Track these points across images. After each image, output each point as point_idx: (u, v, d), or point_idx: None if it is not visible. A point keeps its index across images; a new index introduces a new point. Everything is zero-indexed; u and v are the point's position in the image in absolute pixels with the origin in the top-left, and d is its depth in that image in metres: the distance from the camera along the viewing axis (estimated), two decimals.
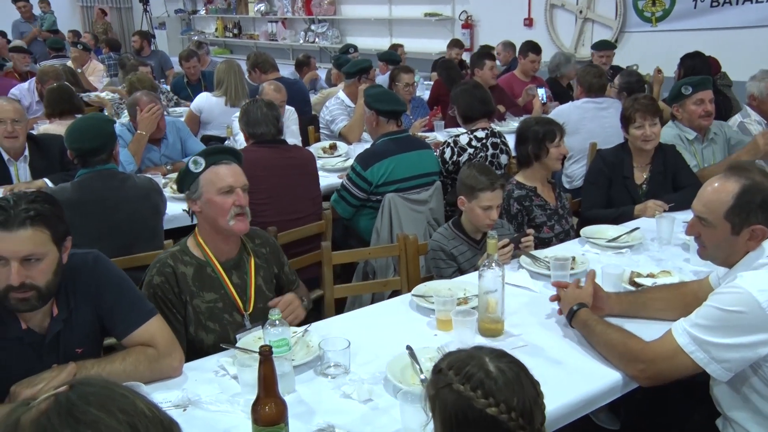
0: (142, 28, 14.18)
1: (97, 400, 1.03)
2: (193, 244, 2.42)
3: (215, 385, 2.05)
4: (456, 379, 1.32)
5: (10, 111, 3.86)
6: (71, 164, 4.03)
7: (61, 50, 8.74)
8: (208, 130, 5.60)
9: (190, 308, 2.34)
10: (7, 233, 1.80)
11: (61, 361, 1.97)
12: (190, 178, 2.38)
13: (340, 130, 5.20)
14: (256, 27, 13.30)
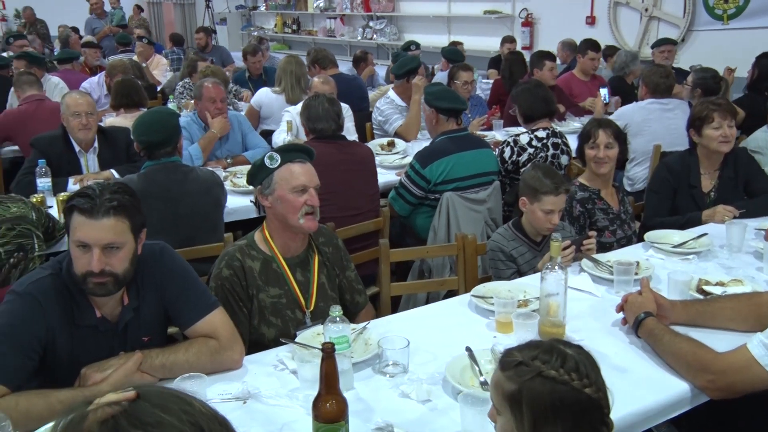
0: (204, 24, 14.50)
1: (160, 402, 1.07)
2: (260, 239, 2.44)
3: (274, 379, 2.06)
4: (546, 366, 1.33)
5: (84, 104, 3.98)
6: (137, 156, 4.15)
7: (128, 45, 8.98)
8: (268, 124, 5.67)
9: (255, 302, 2.37)
10: (91, 221, 1.88)
11: (129, 349, 2.02)
12: (264, 173, 2.40)
13: (396, 130, 5.18)
14: (314, 23, 13.40)
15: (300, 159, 2.42)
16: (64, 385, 1.92)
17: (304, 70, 5.77)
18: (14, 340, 1.86)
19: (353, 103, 5.32)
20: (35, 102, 4.97)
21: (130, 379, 1.92)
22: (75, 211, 1.90)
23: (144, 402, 1.07)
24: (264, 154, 4.33)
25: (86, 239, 1.88)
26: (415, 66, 5.35)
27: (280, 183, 2.36)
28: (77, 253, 1.90)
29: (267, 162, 2.38)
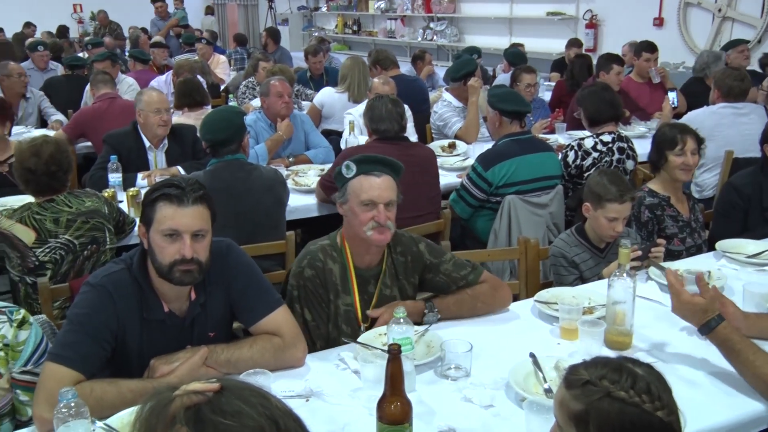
0: (266, 25, 14.73)
1: (240, 395, 1.11)
2: (339, 242, 2.41)
3: (336, 378, 2.07)
4: (615, 387, 1.28)
5: (164, 102, 4.12)
6: (202, 153, 4.25)
7: (193, 45, 9.20)
8: (329, 124, 5.72)
9: (332, 306, 2.35)
10: (182, 209, 1.94)
11: (195, 343, 2.06)
12: (341, 181, 2.37)
13: (456, 133, 5.14)
14: (375, 24, 13.46)
15: (377, 172, 2.32)
16: (133, 375, 1.97)
17: (367, 71, 5.79)
18: (89, 329, 1.92)
19: (414, 105, 5.31)
20: (108, 100, 5.14)
21: (196, 372, 1.97)
22: (162, 200, 1.94)
23: (226, 393, 1.11)
24: (324, 153, 4.54)
25: (178, 227, 1.93)
26: (471, 69, 5.31)
27: (351, 194, 2.32)
28: (164, 243, 1.94)
29: (343, 170, 2.33)
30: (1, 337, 2.00)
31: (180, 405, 1.11)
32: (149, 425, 1.12)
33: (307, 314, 2.32)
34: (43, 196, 2.85)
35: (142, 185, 3.91)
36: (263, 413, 1.10)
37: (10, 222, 2.75)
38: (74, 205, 2.85)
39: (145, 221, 1.98)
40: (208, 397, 1.12)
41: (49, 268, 2.80)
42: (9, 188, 3.78)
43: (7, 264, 2.83)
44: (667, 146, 3.13)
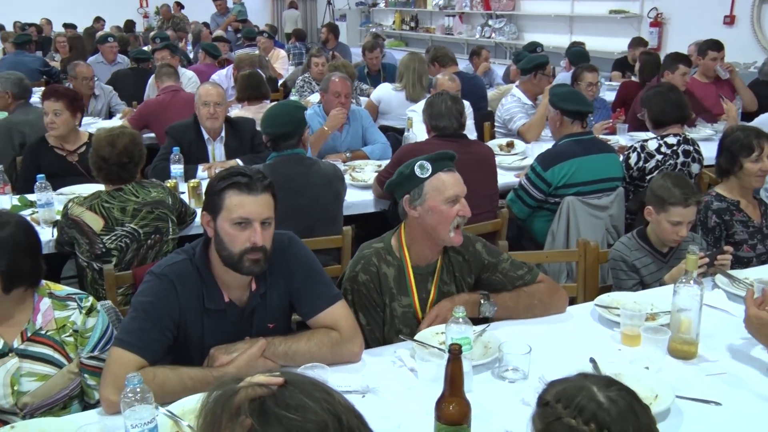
0: (324, 20, 14.85)
1: (304, 389, 1.12)
2: (396, 245, 2.39)
3: (392, 375, 2.07)
4: (566, 412, 1.21)
5: (214, 94, 4.17)
6: (260, 147, 4.31)
7: (253, 39, 9.33)
8: (386, 120, 5.72)
9: (388, 310, 2.34)
10: (252, 197, 1.97)
11: (254, 334, 2.09)
12: (414, 183, 2.30)
13: (519, 129, 5.09)
14: (432, 20, 13.41)
15: (449, 167, 2.33)
16: (194, 363, 2.01)
17: (425, 68, 5.77)
18: (153, 317, 1.97)
19: (472, 102, 5.27)
20: (171, 92, 5.27)
21: (254, 363, 2.00)
22: (232, 189, 1.96)
23: (290, 387, 1.13)
24: (381, 149, 4.54)
25: (249, 215, 1.96)
26: (543, 62, 5.23)
27: (431, 193, 2.27)
28: (235, 231, 1.96)
29: (418, 171, 2.28)
30: (71, 324, 2.07)
31: (245, 396, 1.13)
32: (214, 414, 1.14)
33: (362, 318, 2.32)
34: (112, 184, 2.94)
35: (202, 177, 3.99)
36: (326, 408, 1.11)
37: (81, 209, 2.84)
38: (141, 195, 2.93)
39: (212, 210, 2.00)
40: (273, 390, 1.13)
41: (115, 255, 2.88)
42: (78, 177, 3.91)
43: (77, 249, 2.92)
44: (743, 152, 3.00)
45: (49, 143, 4.00)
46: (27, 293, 2.05)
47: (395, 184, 2.38)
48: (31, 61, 7.86)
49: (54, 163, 3.92)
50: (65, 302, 2.10)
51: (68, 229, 2.89)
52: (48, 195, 3.31)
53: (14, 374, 1.99)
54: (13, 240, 1.98)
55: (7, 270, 1.95)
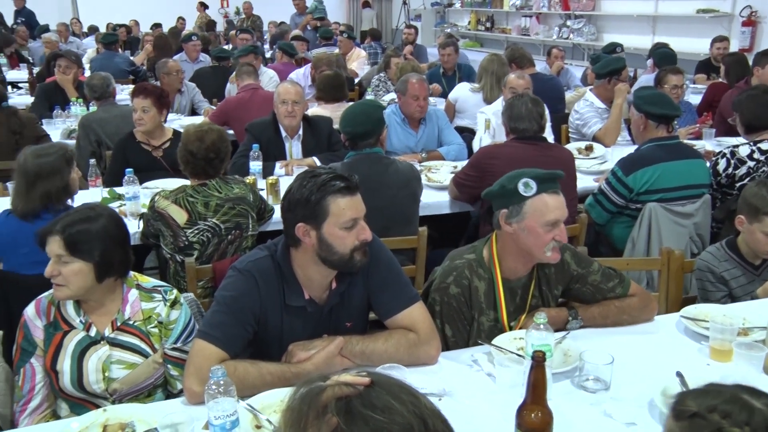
0: (399, 21, 14.90)
1: (391, 391, 1.12)
2: (487, 256, 2.33)
3: (469, 378, 2.05)
4: (727, 422, 1.13)
5: (292, 93, 4.23)
6: (337, 145, 4.35)
7: (329, 39, 9.43)
8: (461, 119, 5.69)
9: (475, 324, 2.30)
10: (354, 197, 2.02)
11: (331, 332, 2.10)
12: (515, 199, 2.22)
13: (596, 134, 4.96)
14: (508, 21, 13.25)
15: (554, 189, 2.23)
16: (273, 358, 2.04)
17: (505, 70, 5.69)
18: (235, 311, 2.01)
19: (549, 104, 5.15)
20: (251, 90, 5.38)
21: (331, 361, 2.01)
22: (335, 194, 1.97)
23: (377, 388, 1.12)
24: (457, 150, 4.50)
25: (356, 215, 2.01)
26: (619, 66, 5.08)
27: (532, 214, 2.19)
28: (345, 233, 1.99)
29: (521, 189, 2.19)
30: (156, 315, 2.14)
31: (331, 395, 1.13)
32: (301, 411, 1.15)
33: (448, 330, 2.28)
34: (197, 179, 3.02)
35: (279, 174, 4.06)
36: (413, 411, 1.10)
37: (167, 202, 2.93)
38: (224, 191, 3.00)
39: (314, 220, 1.98)
40: (359, 390, 1.13)
41: (197, 248, 2.96)
42: (162, 172, 4.05)
43: (161, 241, 3.02)
44: None
45: (137, 138, 4.15)
46: (117, 283, 2.14)
47: (495, 194, 2.30)
48: (119, 61, 8.19)
49: (140, 158, 4.07)
50: (151, 294, 2.17)
51: (154, 222, 2.99)
52: (135, 188, 3.44)
53: (105, 361, 2.07)
54: (106, 231, 2.07)
55: (100, 260, 2.03)
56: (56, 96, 6.05)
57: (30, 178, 2.69)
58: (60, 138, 5.17)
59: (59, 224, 2.04)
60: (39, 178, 2.70)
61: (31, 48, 10.18)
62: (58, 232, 2.02)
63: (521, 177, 2.22)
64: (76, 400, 2.12)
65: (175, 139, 4.16)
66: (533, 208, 2.20)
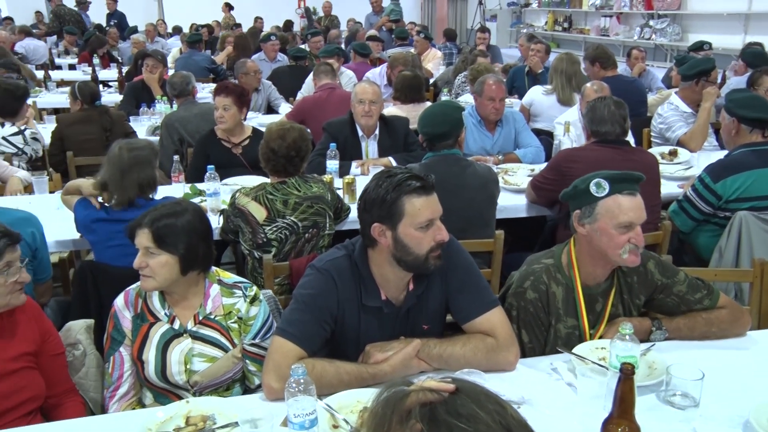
0: (475, 21, 14.78)
1: (476, 399, 1.10)
2: (566, 261, 2.28)
3: (548, 387, 2.00)
4: None
5: (369, 93, 4.24)
6: (413, 145, 4.34)
7: (405, 39, 9.44)
8: (537, 123, 5.58)
9: (552, 331, 2.25)
10: (431, 197, 2.01)
11: (408, 334, 2.09)
12: (587, 199, 2.17)
13: (680, 138, 4.77)
14: (587, 21, 12.93)
15: (630, 190, 2.17)
16: (349, 358, 2.04)
17: (576, 69, 5.56)
18: (314, 309, 2.02)
19: (631, 107, 4.97)
20: (328, 90, 5.43)
21: (408, 363, 2.00)
22: (411, 194, 1.97)
23: (462, 395, 1.10)
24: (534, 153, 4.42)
25: (433, 215, 2.00)
26: (708, 67, 4.87)
27: (604, 215, 2.14)
28: (421, 234, 1.98)
29: (593, 189, 2.15)
30: (237, 311, 2.18)
31: (415, 400, 1.12)
32: (384, 416, 1.14)
33: (524, 336, 2.24)
34: (277, 177, 3.06)
35: (355, 173, 4.08)
36: (498, 421, 1.08)
37: (247, 199, 2.99)
38: (302, 190, 3.04)
39: (390, 220, 1.98)
40: (444, 397, 1.12)
41: (275, 246, 3.00)
42: (241, 168, 4.13)
43: (240, 237, 3.08)
44: None
45: (217, 136, 4.25)
46: (200, 277, 2.19)
47: (569, 195, 2.26)
48: (200, 60, 8.44)
49: (220, 155, 4.16)
50: (232, 290, 2.22)
51: (234, 218, 3.05)
52: (216, 185, 3.52)
53: (187, 354, 2.13)
54: (191, 226, 2.12)
55: (185, 253, 2.09)
56: (143, 94, 6.30)
57: (125, 168, 2.78)
58: (145, 134, 5.37)
59: (148, 218, 2.10)
60: (133, 169, 2.79)
61: (121, 48, 10.61)
62: (147, 225, 2.09)
63: (594, 177, 2.17)
64: (160, 390, 2.18)
65: (254, 136, 4.25)
66: (605, 209, 2.15)
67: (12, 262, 1.97)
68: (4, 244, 1.95)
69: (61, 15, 12.18)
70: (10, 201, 3.33)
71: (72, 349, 2.28)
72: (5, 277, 1.94)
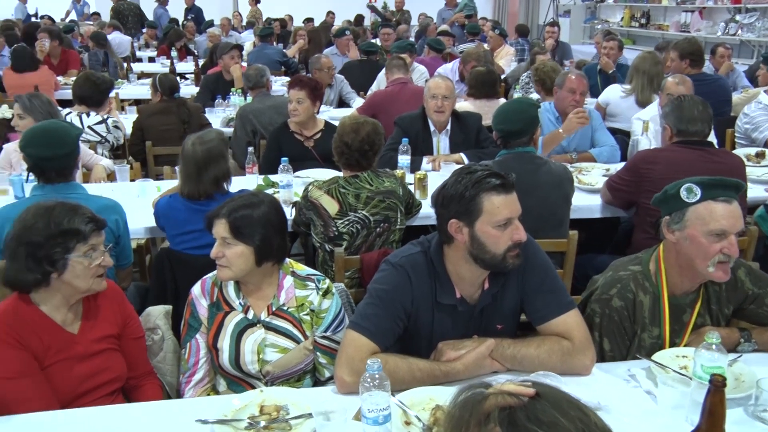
0: (547, 16, 14.50)
1: (558, 405, 1.08)
2: (653, 268, 2.20)
3: (625, 394, 1.94)
4: None
5: (442, 88, 4.21)
6: (486, 142, 4.29)
7: (477, 34, 9.34)
8: (613, 122, 5.42)
9: (636, 340, 2.18)
10: (510, 195, 1.98)
11: (481, 333, 2.07)
12: (677, 205, 2.09)
13: None
14: (666, 16, 12.48)
15: (726, 198, 2.05)
16: (420, 355, 2.03)
17: (659, 70, 5.35)
18: (388, 305, 2.01)
19: (714, 107, 4.77)
20: (400, 84, 5.42)
21: (481, 363, 1.97)
22: (490, 192, 1.94)
23: (542, 401, 1.08)
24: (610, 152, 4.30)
25: (512, 214, 1.97)
26: None
27: (694, 222, 2.05)
28: (498, 232, 1.95)
29: (684, 194, 2.06)
30: (309, 303, 2.20)
31: (494, 404, 1.10)
32: (461, 418, 1.13)
33: (606, 344, 2.18)
34: (350, 170, 3.08)
35: (426, 169, 4.06)
36: (581, 429, 1.05)
37: (320, 192, 3.01)
38: (375, 184, 3.04)
39: (467, 217, 1.96)
40: (524, 402, 1.09)
41: (346, 239, 3.02)
42: (312, 161, 4.18)
43: (312, 230, 3.11)
44: None
45: (290, 128, 4.30)
46: (274, 269, 2.22)
47: (659, 200, 2.18)
48: (272, 53, 8.57)
49: (293, 147, 4.21)
50: (305, 282, 2.23)
51: (306, 211, 3.08)
52: (289, 177, 3.56)
53: (260, 343, 2.16)
54: (267, 217, 2.15)
55: (260, 244, 2.12)
56: (218, 86, 6.45)
57: (200, 164, 2.85)
58: (219, 126, 5.49)
59: (225, 209, 2.14)
60: (209, 165, 2.86)
61: (197, 41, 10.89)
62: (224, 216, 2.12)
63: (686, 181, 2.09)
64: (233, 378, 2.22)
65: (326, 130, 4.29)
66: (696, 215, 2.05)
67: (96, 246, 2.04)
68: (90, 229, 2.01)
69: (120, 10, 12.62)
70: (95, 188, 3.45)
71: (151, 334, 2.35)
72: (89, 260, 2.01)
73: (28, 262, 1.95)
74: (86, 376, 2.05)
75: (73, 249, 1.98)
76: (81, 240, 1.99)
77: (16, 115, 3.81)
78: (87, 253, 2.00)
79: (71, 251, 1.97)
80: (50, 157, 2.75)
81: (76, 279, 2.00)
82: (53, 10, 13.42)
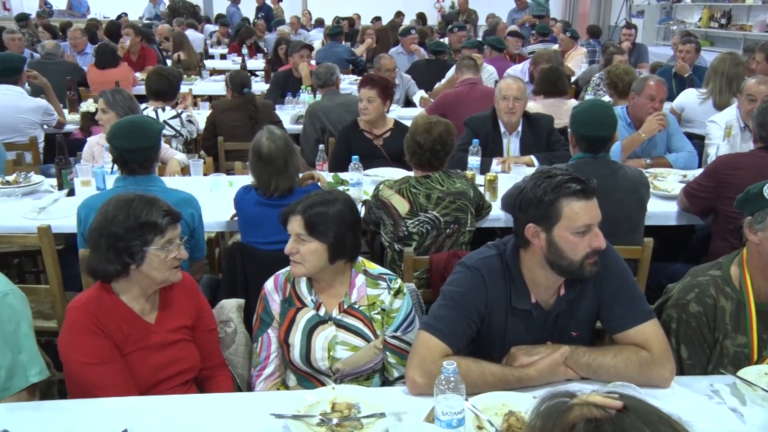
0: (620, 17, 14.14)
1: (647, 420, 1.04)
2: (735, 273, 2.13)
3: (708, 411, 1.87)
4: None
5: (514, 89, 4.15)
6: (557, 144, 4.21)
7: (546, 35, 9.19)
8: (689, 128, 5.22)
9: (718, 348, 2.11)
10: (590, 201, 1.94)
11: (555, 340, 2.02)
12: (759, 204, 2.03)
13: None
14: (750, 16, 11.96)
15: None
16: (492, 359, 2.00)
17: (740, 71, 5.13)
18: (461, 307, 1.99)
19: None
20: (469, 85, 5.38)
21: (555, 370, 1.93)
22: (570, 197, 1.90)
23: (631, 415, 1.05)
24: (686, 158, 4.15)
25: (591, 221, 1.93)
26: None
27: None
28: (576, 239, 1.91)
29: (766, 193, 2.01)
30: (380, 302, 2.20)
31: (579, 415, 1.07)
32: (544, 427, 1.10)
33: (684, 351, 2.11)
34: (422, 170, 3.06)
35: (496, 170, 4.01)
36: None
37: (391, 192, 3.01)
38: (446, 185, 3.02)
39: (546, 221, 1.93)
40: (610, 415, 1.06)
41: (415, 239, 3.01)
42: (381, 160, 4.18)
43: (382, 229, 3.11)
44: None
45: (360, 127, 4.32)
46: (346, 266, 2.22)
47: (741, 200, 2.11)
48: (341, 51, 8.64)
49: (362, 146, 4.23)
50: (377, 281, 2.23)
51: (376, 210, 3.08)
52: (359, 175, 3.58)
53: (331, 341, 2.17)
54: (341, 215, 2.16)
55: (334, 242, 2.13)
56: (288, 83, 6.54)
57: (287, 158, 2.89)
58: (289, 123, 5.56)
59: (301, 205, 2.16)
60: (291, 157, 2.91)
61: (267, 39, 11.09)
62: (300, 212, 2.14)
63: None
64: (303, 374, 2.24)
65: (396, 129, 4.29)
66: None
67: (173, 239, 2.09)
68: (167, 222, 2.06)
69: (176, 8, 12.95)
70: (170, 182, 3.54)
71: (224, 326, 2.39)
72: (166, 253, 2.05)
73: (109, 253, 2.01)
74: (162, 365, 2.11)
75: (151, 242, 2.03)
76: (158, 233, 2.04)
77: (100, 109, 3.94)
78: (164, 246, 2.05)
79: (149, 244, 2.03)
80: (134, 149, 2.84)
81: (153, 271, 2.05)
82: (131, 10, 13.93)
